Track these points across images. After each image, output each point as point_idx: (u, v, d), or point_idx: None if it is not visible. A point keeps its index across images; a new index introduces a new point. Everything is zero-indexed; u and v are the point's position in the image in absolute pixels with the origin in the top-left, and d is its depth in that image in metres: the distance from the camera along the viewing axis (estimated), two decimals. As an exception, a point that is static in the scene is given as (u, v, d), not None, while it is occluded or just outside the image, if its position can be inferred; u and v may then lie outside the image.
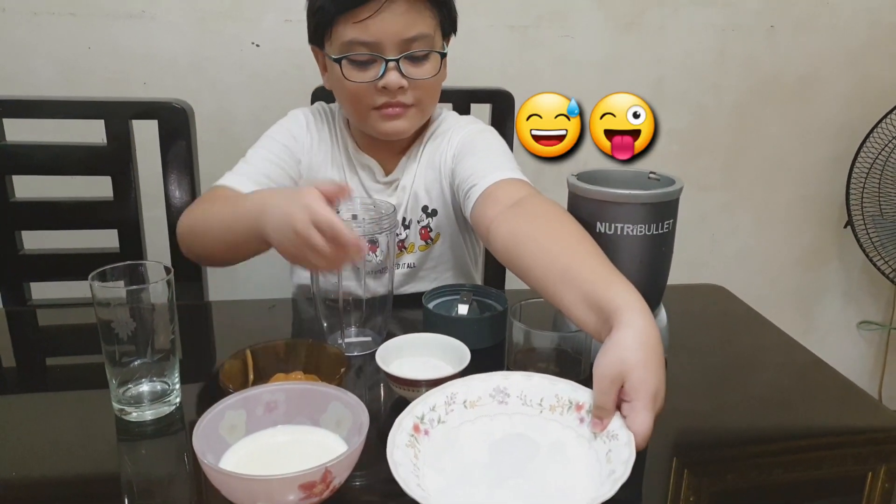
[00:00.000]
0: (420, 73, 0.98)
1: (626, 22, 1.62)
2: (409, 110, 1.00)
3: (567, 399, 0.67)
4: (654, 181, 0.86)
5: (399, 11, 0.93)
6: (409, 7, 0.94)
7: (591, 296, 0.69)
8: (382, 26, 0.93)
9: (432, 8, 0.97)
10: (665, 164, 1.87)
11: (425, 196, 1.09)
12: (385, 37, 0.94)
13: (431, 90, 1.02)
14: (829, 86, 1.76)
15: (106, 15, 1.42)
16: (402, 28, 0.94)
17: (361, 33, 0.93)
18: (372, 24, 0.92)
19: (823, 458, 0.74)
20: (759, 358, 0.94)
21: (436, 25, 0.98)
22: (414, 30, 0.95)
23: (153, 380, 0.74)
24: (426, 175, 1.09)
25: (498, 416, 0.67)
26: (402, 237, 1.10)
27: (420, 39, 0.96)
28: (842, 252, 1.93)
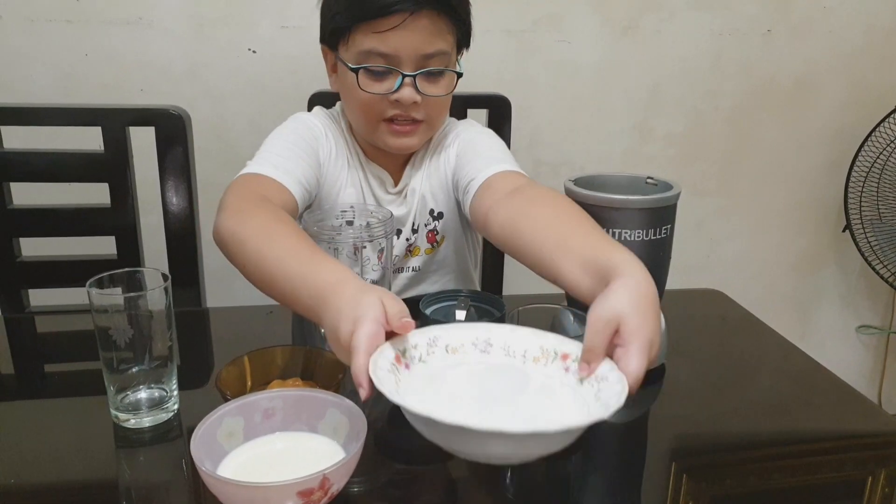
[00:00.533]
0: (434, 90, 0.97)
1: (622, 26, 1.62)
2: (420, 126, 1.00)
3: (552, 350, 0.65)
4: (651, 186, 0.86)
5: (421, 27, 0.92)
6: (431, 23, 0.92)
7: (589, 260, 0.68)
8: (403, 40, 0.91)
9: (453, 25, 0.96)
10: (661, 168, 1.89)
11: (431, 200, 1.10)
12: (404, 51, 0.92)
13: (443, 107, 1.02)
14: (825, 90, 1.77)
15: (103, 22, 1.43)
16: (421, 44, 0.93)
17: (380, 44, 0.92)
18: (392, 37, 0.91)
19: (823, 462, 0.74)
20: (758, 363, 0.95)
21: (454, 43, 0.98)
22: (433, 46, 0.94)
23: (151, 387, 0.74)
24: (431, 180, 1.10)
25: (480, 365, 0.66)
26: (411, 242, 1.11)
27: (438, 56, 0.95)
28: (840, 256, 1.93)
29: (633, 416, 0.82)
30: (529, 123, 1.62)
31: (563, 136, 1.68)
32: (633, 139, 1.72)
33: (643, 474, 0.71)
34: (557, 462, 0.73)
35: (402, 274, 1.12)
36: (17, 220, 1.19)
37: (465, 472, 0.69)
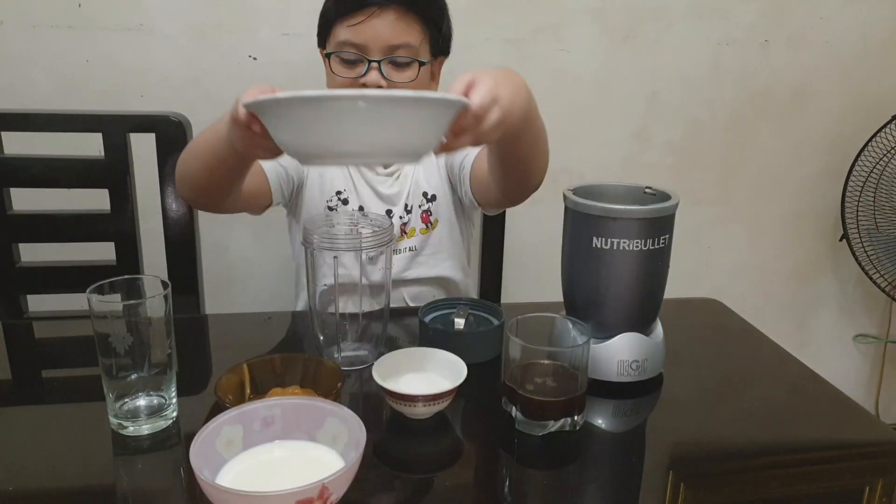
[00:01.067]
0: (400, 77, 1.06)
1: (621, 36, 1.63)
2: None
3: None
4: (650, 196, 0.87)
5: (388, 20, 1.03)
6: (397, 17, 1.03)
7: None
8: (371, 31, 1.03)
9: (421, 23, 1.06)
10: (659, 177, 1.90)
11: (425, 182, 1.18)
12: (372, 41, 1.03)
13: None
14: (822, 99, 1.78)
15: (104, 28, 1.43)
16: (388, 35, 1.03)
17: (353, 35, 1.04)
18: (362, 28, 1.03)
19: (820, 472, 0.74)
20: (755, 372, 0.95)
21: (422, 40, 1.07)
22: (399, 38, 1.04)
23: (150, 394, 0.74)
24: (425, 163, 1.18)
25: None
26: (405, 221, 1.17)
27: (404, 48, 1.05)
28: (837, 265, 1.94)
29: (630, 425, 0.82)
30: (528, 131, 1.63)
31: (562, 143, 1.68)
32: (632, 147, 1.73)
33: (641, 484, 0.71)
34: (555, 471, 0.73)
35: (398, 255, 1.17)
36: (16, 225, 1.19)
37: (465, 481, 0.70)
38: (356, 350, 0.90)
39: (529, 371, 0.76)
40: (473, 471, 0.72)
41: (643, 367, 0.84)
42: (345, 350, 0.89)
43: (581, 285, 0.86)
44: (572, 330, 0.80)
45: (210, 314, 1.19)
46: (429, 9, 1.07)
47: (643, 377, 0.85)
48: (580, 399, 0.75)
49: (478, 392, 0.84)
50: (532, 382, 0.75)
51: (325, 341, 0.90)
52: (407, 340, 0.97)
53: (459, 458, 0.73)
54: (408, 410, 0.76)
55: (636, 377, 0.84)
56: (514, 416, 0.76)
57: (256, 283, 1.61)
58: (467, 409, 0.81)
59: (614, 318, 0.84)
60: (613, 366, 0.83)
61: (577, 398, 0.75)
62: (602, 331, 0.83)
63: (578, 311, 0.86)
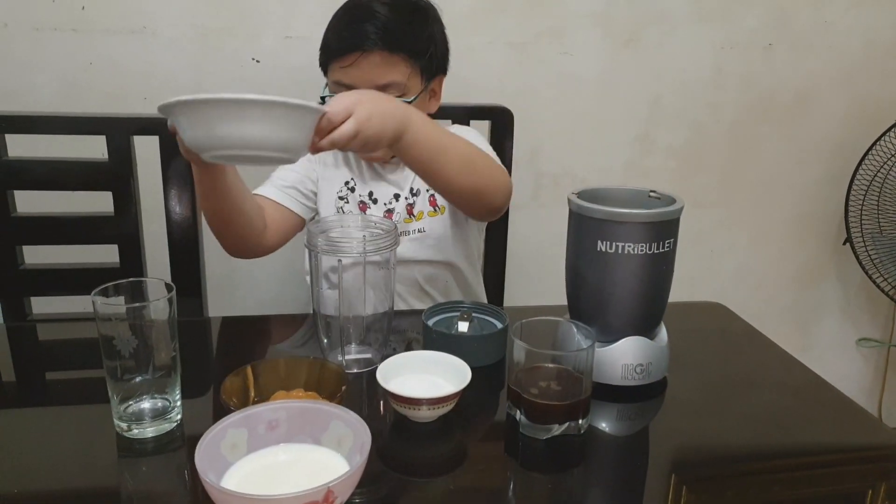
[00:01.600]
0: None
1: (624, 39, 1.63)
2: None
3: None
4: (654, 200, 0.87)
5: (373, 63, 1.07)
6: (383, 58, 1.07)
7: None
8: (359, 73, 1.07)
9: (407, 59, 1.09)
10: (662, 181, 1.90)
11: None
12: (360, 83, 1.07)
13: None
14: (826, 103, 1.78)
15: (107, 31, 1.43)
16: (375, 77, 1.08)
17: (343, 76, 1.09)
18: (351, 71, 1.07)
19: (823, 476, 0.74)
20: (759, 376, 0.95)
21: (411, 73, 1.10)
22: (386, 78, 1.08)
23: (154, 396, 0.74)
24: None
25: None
26: (411, 202, 1.20)
27: (392, 86, 1.09)
28: (840, 269, 1.94)
29: (634, 428, 0.82)
30: (531, 135, 1.63)
31: (565, 147, 1.69)
32: (635, 151, 1.73)
33: (645, 488, 0.71)
34: (560, 475, 0.73)
35: (408, 237, 1.19)
36: (20, 227, 1.20)
37: (469, 484, 0.69)
38: (360, 353, 0.90)
39: (534, 375, 0.76)
40: (477, 474, 0.71)
41: (647, 370, 0.84)
42: (348, 353, 0.89)
43: (585, 289, 0.85)
44: (576, 334, 0.79)
45: (214, 317, 1.19)
46: (414, 44, 1.10)
47: (647, 381, 0.84)
48: (584, 403, 0.75)
49: (482, 395, 0.84)
50: (536, 386, 0.75)
51: (329, 344, 0.90)
52: (411, 343, 0.96)
53: (463, 461, 0.73)
54: (412, 413, 0.76)
55: (640, 381, 0.84)
56: (518, 420, 0.75)
57: (260, 285, 1.61)
58: (471, 413, 0.81)
59: (619, 322, 0.84)
60: (618, 369, 0.83)
61: (582, 402, 0.75)
62: (606, 334, 0.83)
63: (583, 315, 0.85)
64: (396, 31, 1.08)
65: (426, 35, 1.13)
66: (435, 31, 1.15)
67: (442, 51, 1.17)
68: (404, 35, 1.09)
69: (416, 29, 1.11)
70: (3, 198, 1.17)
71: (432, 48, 1.13)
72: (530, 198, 1.70)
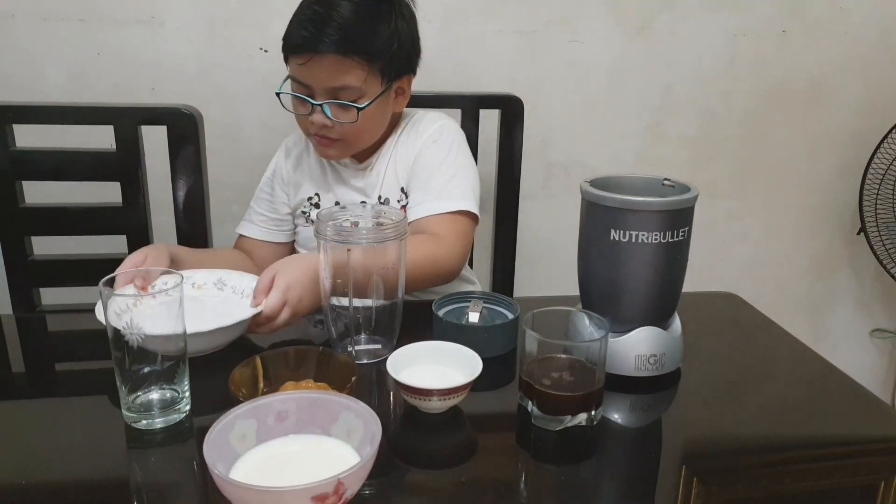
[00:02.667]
0: (344, 117, 1.08)
1: (635, 27, 1.61)
2: (337, 143, 1.12)
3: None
4: (668, 188, 0.85)
5: (326, 65, 1.05)
6: (337, 62, 1.04)
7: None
8: (312, 73, 1.06)
9: (363, 62, 1.06)
10: (675, 170, 1.88)
11: (404, 178, 1.18)
12: (314, 83, 1.07)
13: (356, 130, 1.10)
14: (841, 91, 1.75)
15: (115, 21, 1.43)
16: (328, 78, 1.06)
17: (299, 74, 1.08)
18: (306, 70, 1.06)
19: (836, 467, 0.74)
20: (773, 366, 0.94)
21: (367, 77, 1.07)
22: (340, 81, 1.06)
23: (163, 387, 0.73)
24: (400, 162, 1.18)
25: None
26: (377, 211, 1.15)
27: (347, 90, 1.06)
28: (854, 259, 1.91)
29: (648, 420, 0.81)
30: (542, 124, 1.61)
31: (576, 137, 1.67)
32: (646, 140, 1.71)
33: (658, 479, 0.70)
34: (572, 467, 0.72)
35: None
36: (29, 218, 1.20)
37: (480, 476, 0.69)
38: (369, 343, 0.89)
39: (546, 365, 0.75)
40: (489, 466, 0.71)
41: (661, 361, 0.83)
42: (358, 343, 0.89)
43: (598, 279, 0.84)
44: (589, 324, 0.78)
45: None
46: (370, 46, 1.06)
47: (661, 372, 0.83)
48: (597, 394, 0.74)
49: (493, 386, 0.83)
50: (548, 377, 0.74)
51: (338, 334, 0.89)
52: (421, 334, 0.95)
53: (475, 452, 0.72)
54: (422, 404, 0.75)
55: (654, 372, 0.83)
56: (530, 411, 0.75)
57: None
58: (482, 404, 0.80)
59: (632, 313, 0.83)
60: (631, 360, 0.82)
61: (595, 393, 0.74)
62: (619, 325, 0.82)
63: (595, 305, 0.84)
64: (352, 32, 1.04)
65: (388, 34, 1.08)
66: (400, 29, 1.09)
67: (407, 50, 1.11)
68: (360, 37, 1.05)
69: (376, 28, 1.07)
70: (12, 188, 1.17)
71: (394, 48, 1.08)
72: (540, 188, 1.68)
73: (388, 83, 1.10)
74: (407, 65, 1.13)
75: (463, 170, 1.16)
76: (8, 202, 1.17)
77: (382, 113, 1.14)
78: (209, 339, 0.85)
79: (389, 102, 1.13)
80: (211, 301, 0.96)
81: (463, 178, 1.14)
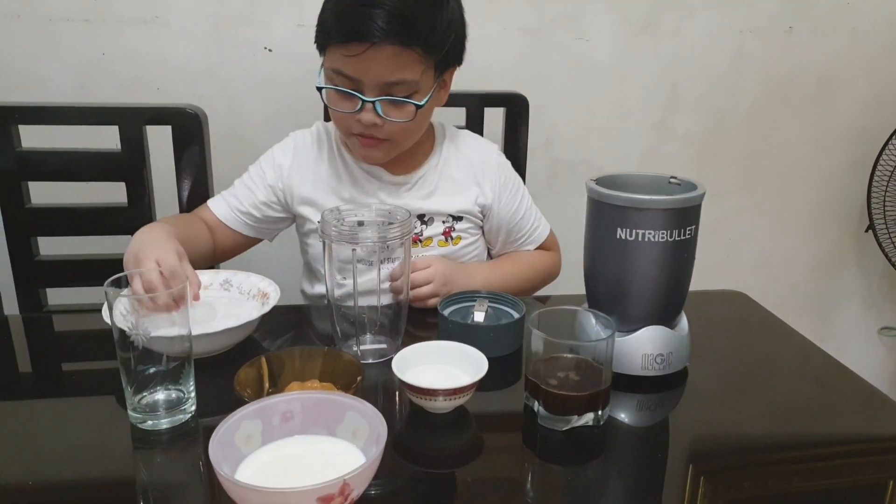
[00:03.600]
0: (397, 115, 0.99)
1: (641, 24, 1.60)
2: (384, 143, 1.03)
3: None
4: (675, 186, 0.85)
5: (384, 56, 0.94)
6: (396, 53, 0.94)
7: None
8: (366, 67, 0.95)
9: (422, 54, 0.96)
10: (680, 168, 1.87)
11: (451, 202, 1.13)
12: (366, 77, 0.96)
13: (408, 130, 1.03)
14: (848, 88, 1.74)
15: (120, 21, 1.43)
16: (384, 72, 0.95)
17: (345, 66, 0.96)
18: (357, 62, 0.94)
19: (844, 465, 0.73)
20: (781, 365, 0.93)
21: (424, 70, 0.98)
22: (395, 76, 0.96)
23: (168, 388, 0.73)
24: (451, 183, 1.13)
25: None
26: (418, 231, 1.12)
27: (402, 84, 0.97)
28: (861, 257, 1.90)
29: (655, 419, 0.81)
30: (546, 122, 1.61)
31: (581, 135, 1.67)
32: (652, 138, 1.70)
33: (665, 479, 0.70)
34: (578, 467, 0.72)
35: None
36: (34, 218, 1.20)
37: (487, 476, 0.68)
38: (375, 343, 0.89)
39: (552, 365, 0.74)
40: (495, 466, 0.71)
41: (668, 360, 0.82)
42: (363, 343, 0.88)
43: (604, 278, 0.84)
44: (595, 323, 0.78)
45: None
46: (431, 36, 0.96)
47: (668, 371, 0.83)
48: (604, 394, 0.74)
49: (499, 386, 0.83)
50: (555, 377, 0.74)
51: (343, 334, 0.89)
52: (426, 334, 0.95)
53: (481, 453, 0.72)
54: (428, 404, 0.75)
55: (661, 371, 0.82)
56: (536, 411, 0.74)
57: (273, 277, 1.60)
58: (488, 404, 0.79)
59: (639, 312, 0.82)
60: (637, 360, 0.82)
61: (601, 393, 0.73)
62: (626, 324, 0.82)
63: (601, 304, 0.84)
64: (414, 21, 0.93)
65: (445, 23, 0.98)
66: (455, 17, 1.01)
67: (456, 42, 1.02)
68: (422, 26, 0.94)
69: (434, 16, 0.96)
70: (18, 189, 1.17)
71: (451, 38, 0.99)
72: (545, 186, 1.68)
73: (440, 76, 1.03)
74: (457, 56, 1.05)
75: (530, 200, 1.21)
76: (14, 203, 1.17)
77: (431, 109, 1.07)
78: (216, 341, 0.85)
79: (436, 97, 1.05)
80: (217, 302, 0.96)
81: (534, 207, 1.22)
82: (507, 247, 1.21)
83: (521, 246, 1.21)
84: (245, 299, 0.96)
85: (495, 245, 1.21)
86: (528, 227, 1.20)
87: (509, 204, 1.17)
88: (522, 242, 1.20)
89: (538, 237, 1.21)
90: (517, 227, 1.19)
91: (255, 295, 0.95)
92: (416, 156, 1.12)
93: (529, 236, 1.21)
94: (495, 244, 1.21)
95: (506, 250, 1.21)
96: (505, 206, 1.16)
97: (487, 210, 1.16)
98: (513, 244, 1.21)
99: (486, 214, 1.17)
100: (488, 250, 1.24)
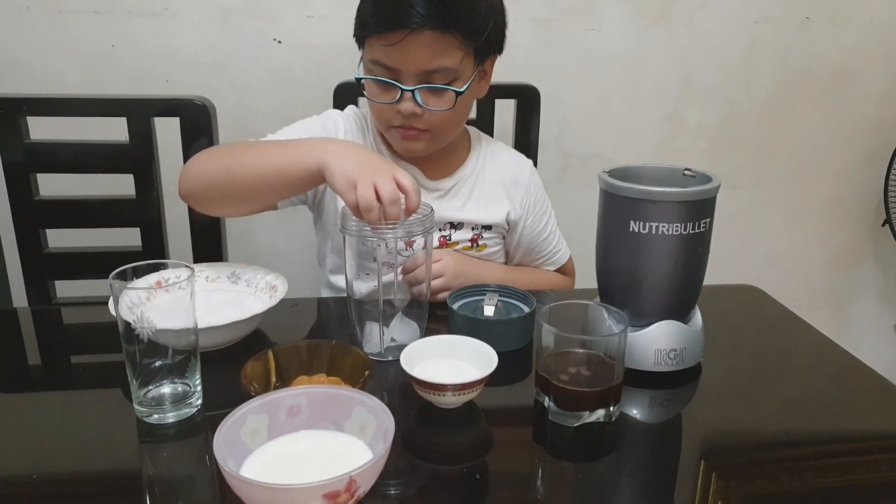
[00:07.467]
0: (437, 103, 0.98)
1: (653, 15, 1.58)
2: (425, 134, 1.02)
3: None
4: (689, 178, 0.83)
5: (424, 43, 0.93)
6: (435, 40, 0.93)
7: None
8: (404, 56, 0.94)
9: (464, 41, 0.95)
10: (694, 160, 1.85)
11: (482, 214, 1.12)
12: (405, 66, 0.95)
13: (449, 119, 1.02)
14: (865, 80, 1.71)
15: (129, 13, 1.42)
16: (424, 60, 0.94)
17: (384, 56, 0.96)
18: (396, 51, 0.94)
19: (859, 462, 0.71)
20: (796, 360, 0.92)
21: (464, 57, 0.97)
22: (435, 63, 0.95)
23: (174, 381, 0.73)
24: (484, 195, 1.13)
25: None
26: (446, 234, 1.11)
27: (441, 72, 0.96)
28: (878, 251, 1.88)
29: (667, 415, 0.80)
30: (558, 114, 1.59)
31: (593, 127, 1.65)
32: (665, 131, 1.68)
33: (677, 476, 0.68)
34: (590, 464, 0.71)
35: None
36: (43, 211, 1.19)
37: (496, 472, 0.67)
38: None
39: (563, 360, 0.73)
40: (504, 462, 0.70)
41: (681, 356, 0.81)
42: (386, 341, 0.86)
43: (617, 271, 0.83)
44: (608, 318, 0.77)
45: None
46: (470, 21, 0.95)
47: (681, 367, 0.82)
48: (616, 389, 0.72)
49: (509, 381, 0.82)
50: (566, 372, 0.72)
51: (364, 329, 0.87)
52: (435, 328, 0.94)
53: (490, 449, 0.71)
54: (437, 399, 0.74)
55: (674, 367, 0.81)
56: (546, 407, 0.73)
57: (282, 270, 1.59)
58: (498, 399, 0.79)
59: (652, 306, 0.81)
60: (650, 355, 0.80)
61: (613, 388, 0.72)
62: (638, 318, 0.80)
63: (614, 298, 0.83)
64: (451, 4, 0.92)
65: (485, 8, 0.96)
66: (494, 4, 0.99)
67: (497, 29, 1.01)
68: (462, 10, 0.93)
69: (473, 1, 0.95)
70: (27, 181, 1.17)
71: (491, 24, 0.98)
72: (557, 178, 1.66)
73: (480, 64, 1.01)
74: (497, 44, 1.03)
75: (555, 223, 1.22)
76: (23, 195, 1.17)
77: (471, 99, 1.07)
78: (223, 334, 0.84)
79: (476, 88, 1.04)
80: (225, 295, 0.95)
81: (558, 231, 1.22)
82: (524, 263, 1.22)
83: (539, 266, 1.22)
84: (253, 292, 0.95)
85: (513, 259, 1.22)
86: (550, 249, 1.20)
87: (535, 224, 1.18)
88: (541, 263, 1.21)
89: (557, 261, 1.22)
90: (538, 248, 1.20)
91: (262, 288, 0.94)
92: (452, 159, 1.12)
93: (549, 259, 1.21)
94: (513, 258, 1.21)
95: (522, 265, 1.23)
96: (530, 226, 1.17)
97: (513, 225, 1.16)
98: (531, 263, 1.22)
99: (511, 228, 1.16)
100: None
